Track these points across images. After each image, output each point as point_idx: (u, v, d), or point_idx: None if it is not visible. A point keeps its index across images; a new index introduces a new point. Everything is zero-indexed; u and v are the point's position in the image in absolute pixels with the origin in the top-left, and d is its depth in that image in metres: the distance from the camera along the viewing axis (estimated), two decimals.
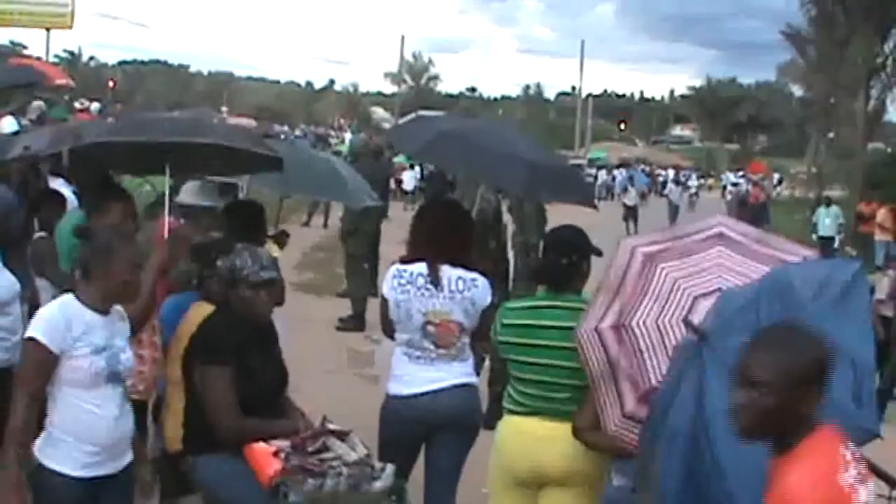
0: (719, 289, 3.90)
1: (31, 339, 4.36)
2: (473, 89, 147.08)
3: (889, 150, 45.63)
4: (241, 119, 59.79)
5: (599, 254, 5.16)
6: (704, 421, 3.12)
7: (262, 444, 4.64)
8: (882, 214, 26.73)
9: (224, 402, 4.71)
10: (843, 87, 38.73)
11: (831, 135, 47.34)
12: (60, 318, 4.40)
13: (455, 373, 5.52)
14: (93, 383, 4.42)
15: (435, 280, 5.48)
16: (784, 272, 3.54)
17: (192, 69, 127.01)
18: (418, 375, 5.49)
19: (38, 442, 4.38)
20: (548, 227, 8.55)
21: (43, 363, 4.34)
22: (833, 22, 38.79)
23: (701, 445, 3.17)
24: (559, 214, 8.30)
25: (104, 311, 4.52)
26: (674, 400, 3.35)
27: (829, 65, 39.15)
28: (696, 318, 3.80)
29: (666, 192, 43.63)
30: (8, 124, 11.52)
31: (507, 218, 10.63)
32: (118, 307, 4.62)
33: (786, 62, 51.13)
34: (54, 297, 6.38)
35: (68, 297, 4.50)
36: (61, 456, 4.39)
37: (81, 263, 4.61)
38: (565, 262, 5.03)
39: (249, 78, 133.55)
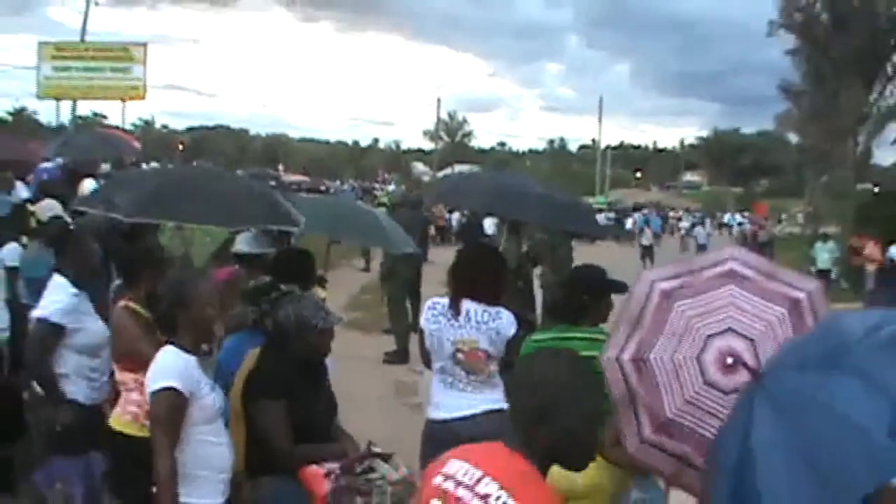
0: (730, 329, 3.85)
1: (168, 388, 4.26)
2: (503, 144, 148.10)
3: (877, 189, 45.33)
4: (296, 175, 60.35)
5: (623, 290, 5.12)
6: (750, 452, 2.91)
7: (314, 467, 4.64)
8: (870, 248, 26.58)
9: (279, 432, 4.72)
10: (834, 134, 38.65)
11: (825, 177, 47.04)
12: (183, 362, 4.37)
13: (486, 399, 5.52)
14: (214, 418, 4.43)
15: (456, 312, 5.52)
16: (839, 317, 3.30)
17: (252, 132, 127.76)
18: (453, 401, 5.53)
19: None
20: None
21: (180, 408, 4.28)
22: (824, 76, 38.87)
23: (747, 478, 3.04)
24: (585, 255, 8.35)
25: (198, 352, 4.53)
26: (724, 440, 3.24)
27: (822, 114, 39.09)
28: (708, 357, 3.76)
29: (693, 233, 43.66)
30: (89, 187, 11.67)
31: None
32: None
33: (783, 113, 50.83)
34: None
35: (172, 347, 4.45)
36: (203, 490, 4.37)
37: (165, 320, 4.59)
38: (578, 300, 5.04)
39: (302, 139, 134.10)
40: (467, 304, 5.55)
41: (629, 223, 53.71)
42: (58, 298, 5.79)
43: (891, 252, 25.68)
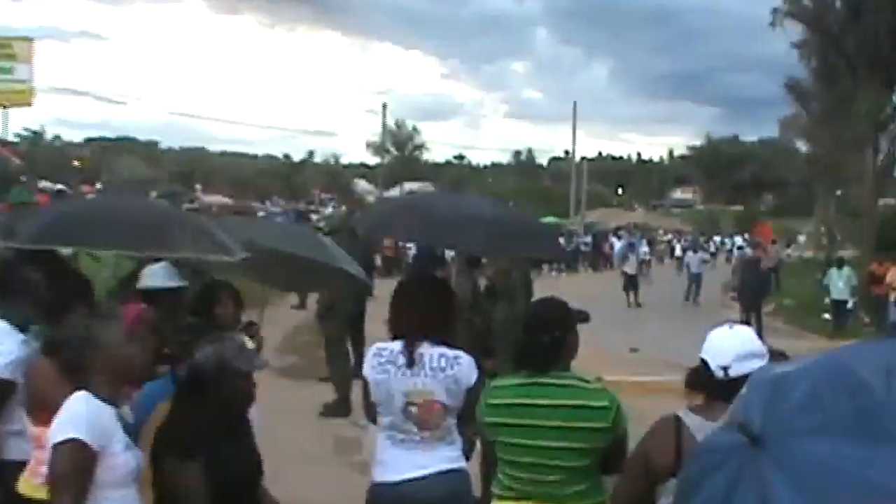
0: None
1: (73, 439, 4.18)
2: (461, 157, 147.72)
3: None
4: (216, 196, 60.04)
5: (586, 319, 5.22)
6: None
7: None
8: (893, 274, 26.67)
9: (194, 497, 4.70)
10: (849, 141, 38.65)
11: (840, 192, 47.38)
12: (94, 412, 4.31)
13: (441, 457, 5.53)
14: (125, 482, 4.37)
15: (413, 358, 5.50)
16: (841, 358, 3.25)
17: (163, 145, 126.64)
18: (403, 460, 5.51)
19: None
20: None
21: (86, 464, 4.21)
22: (836, 74, 38.82)
23: None
24: (557, 287, 8.44)
25: (115, 402, 4.49)
26: None
27: (834, 119, 39.07)
28: None
29: (685, 261, 43.12)
30: None
31: None
32: None
33: (789, 117, 51.07)
34: None
35: (85, 393, 4.38)
36: None
37: (73, 365, 4.51)
38: (548, 340, 5.06)
39: (224, 153, 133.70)
40: (421, 349, 5.54)
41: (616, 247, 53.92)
42: (4, 349, 5.72)
43: None
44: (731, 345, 4.49)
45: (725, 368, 4.42)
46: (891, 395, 2.98)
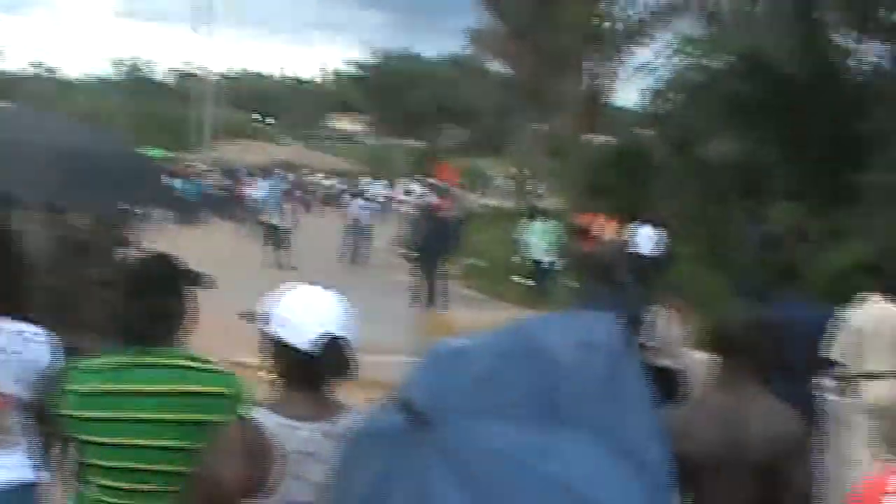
0: None
1: None
2: (45, 67, 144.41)
3: (617, 143, 47.09)
4: None
5: (204, 283, 5.16)
6: None
7: None
8: (600, 226, 27.51)
9: None
10: (553, 60, 39.49)
11: (542, 125, 48.69)
12: None
13: (4, 467, 5.44)
14: None
15: None
16: (531, 329, 3.38)
17: None
18: None
19: None
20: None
21: None
22: None
23: None
24: (165, 241, 8.31)
25: None
26: None
27: (535, 31, 39.91)
28: None
29: (350, 210, 42.71)
30: None
31: None
32: None
33: (478, 28, 51.97)
34: None
35: None
36: None
37: None
38: (149, 308, 4.97)
39: None
40: None
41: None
42: None
43: (639, 235, 26.83)
44: (319, 309, 4.63)
45: (314, 343, 4.50)
46: (583, 373, 3.08)
